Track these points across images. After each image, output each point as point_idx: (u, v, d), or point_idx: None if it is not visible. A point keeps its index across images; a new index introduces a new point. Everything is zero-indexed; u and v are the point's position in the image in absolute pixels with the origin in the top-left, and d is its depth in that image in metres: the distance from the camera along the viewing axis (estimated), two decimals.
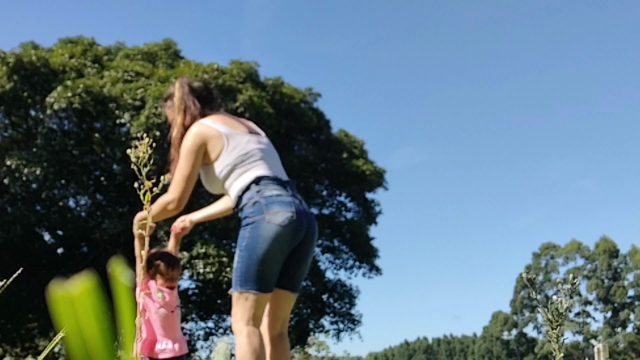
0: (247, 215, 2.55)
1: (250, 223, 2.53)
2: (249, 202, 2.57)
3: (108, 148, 16.22)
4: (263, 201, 2.54)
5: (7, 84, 15.46)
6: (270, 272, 2.52)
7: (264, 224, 2.49)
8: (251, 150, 2.69)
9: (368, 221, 20.98)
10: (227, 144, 2.68)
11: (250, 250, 2.49)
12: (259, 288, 2.50)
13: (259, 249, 2.48)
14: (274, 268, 2.53)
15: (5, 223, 15.20)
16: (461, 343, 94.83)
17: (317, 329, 20.63)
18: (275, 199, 2.55)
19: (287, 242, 2.53)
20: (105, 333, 0.30)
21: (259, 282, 2.49)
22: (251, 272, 2.49)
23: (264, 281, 2.51)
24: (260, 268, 2.49)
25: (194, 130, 2.72)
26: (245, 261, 2.50)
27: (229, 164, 2.66)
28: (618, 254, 55.82)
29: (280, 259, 2.54)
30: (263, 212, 2.51)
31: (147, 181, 1.31)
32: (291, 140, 19.43)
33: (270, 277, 2.53)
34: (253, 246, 2.49)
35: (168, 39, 19.40)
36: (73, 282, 0.29)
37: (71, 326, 0.29)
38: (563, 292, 1.29)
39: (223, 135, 2.69)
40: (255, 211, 2.53)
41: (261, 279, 2.50)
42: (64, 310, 0.29)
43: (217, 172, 2.69)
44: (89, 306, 0.29)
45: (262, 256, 2.48)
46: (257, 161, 2.68)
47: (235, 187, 2.65)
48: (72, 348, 0.29)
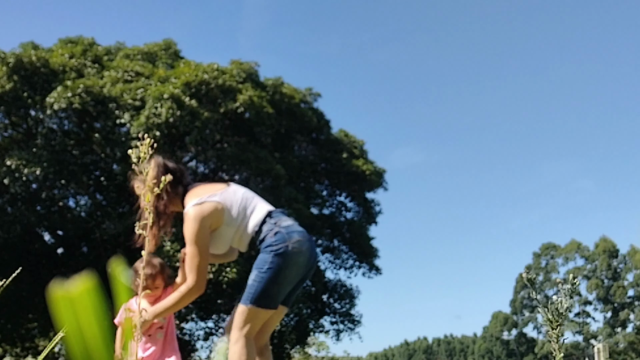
0: (270, 244, 2.74)
1: (274, 250, 2.72)
2: (270, 233, 2.77)
3: (108, 148, 16.21)
4: (284, 231, 2.76)
5: (7, 84, 15.46)
6: (283, 292, 2.77)
7: (287, 252, 2.71)
8: (243, 195, 2.91)
9: (368, 221, 20.98)
10: (226, 206, 2.84)
11: (272, 274, 2.70)
12: (269, 306, 2.73)
13: (281, 274, 2.70)
14: (286, 289, 2.78)
15: (5, 223, 15.19)
16: (461, 343, 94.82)
17: (317, 329, 20.63)
18: (294, 229, 2.79)
19: (304, 267, 2.79)
20: (105, 333, 0.30)
21: (270, 302, 2.73)
22: (267, 292, 2.70)
23: (275, 300, 2.75)
24: (276, 290, 2.72)
25: (193, 213, 2.79)
26: (265, 282, 2.70)
27: (235, 218, 2.84)
28: (618, 254, 55.82)
29: (294, 282, 2.79)
30: (286, 240, 2.73)
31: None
32: (291, 140, 19.43)
33: (281, 297, 2.78)
34: (276, 271, 2.70)
35: (168, 39, 19.41)
36: (73, 282, 0.29)
37: (71, 326, 0.29)
38: (563, 292, 1.29)
39: (221, 202, 2.84)
40: (278, 240, 2.73)
41: (274, 299, 2.73)
42: (64, 310, 0.29)
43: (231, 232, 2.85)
44: (89, 306, 0.29)
45: (282, 280, 2.72)
46: (254, 199, 2.92)
47: (251, 226, 2.84)
48: (72, 348, 0.29)
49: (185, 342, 19.34)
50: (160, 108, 15.03)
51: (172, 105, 15.01)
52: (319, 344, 24.62)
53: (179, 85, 15.77)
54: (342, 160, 19.81)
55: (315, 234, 19.43)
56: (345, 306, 20.40)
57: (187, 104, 15.32)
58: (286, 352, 20.57)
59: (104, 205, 17.23)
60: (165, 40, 19.30)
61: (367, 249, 20.38)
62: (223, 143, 16.90)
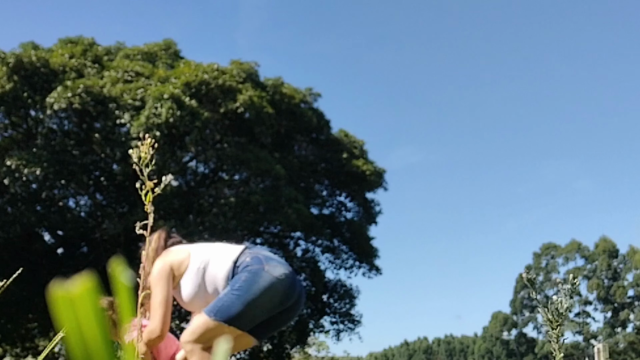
0: (246, 265, 2.61)
1: (248, 269, 2.59)
2: (247, 258, 2.65)
3: (108, 148, 16.21)
4: (262, 256, 2.66)
5: (7, 84, 15.46)
6: (253, 316, 2.58)
7: (262, 272, 2.58)
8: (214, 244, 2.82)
9: (368, 221, 20.98)
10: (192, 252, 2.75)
11: (243, 292, 2.54)
12: (234, 324, 2.54)
13: (251, 295, 2.54)
14: (257, 315, 2.59)
15: (5, 223, 15.19)
16: (461, 343, 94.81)
17: (317, 329, 20.64)
18: (273, 257, 2.69)
19: (278, 297, 2.60)
20: (105, 333, 0.30)
21: (237, 320, 2.54)
22: (233, 309, 2.53)
23: (243, 321, 2.56)
24: (244, 310, 2.54)
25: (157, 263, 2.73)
26: (233, 300, 2.54)
27: (203, 260, 2.71)
28: (618, 254, 55.82)
29: (267, 310, 2.60)
30: (262, 263, 2.61)
31: (148, 182, 1.31)
32: (291, 140, 19.44)
33: (249, 320, 2.58)
34: (246, 290, 2.55)
35: (168, 39, 19.40)
36: (73, 282, 0.29)
37: (71, 326, 0.29)
38: (563, 292, 1.29)
39: (186, 249, 2.77)
40: (254, 262, 2.62)
41: (241, 318, 2.55)
42: (64, 310, 0.29)
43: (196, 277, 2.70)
44: (89, 306, 0.29)
45: (252, 302, 2.54)
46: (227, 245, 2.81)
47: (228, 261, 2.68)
48: (72, 348, 0.29)
49: None
50: (160, 108, 15.03)
51: (172, 106, 15.01)
52: (319, 344, 24.65)
53: (179, 85, 15.78)
54: (342, 160, 19.81)
55: (315, 234, 19.44)
56: (345, 306, 20.41)
57: (187, 104, 15.32)
58: (286, 352, 20.57)
59: (104, 205, 17.24)
60: (165, 40, 19.30)
61: (367, 249, 20.38)
62: (223, 143, 16.90)
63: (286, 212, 15.99)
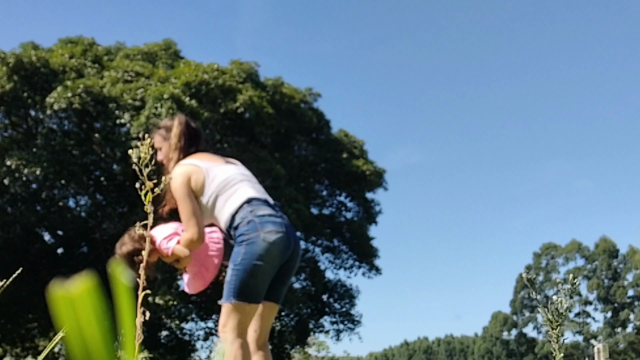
0: (242, 233, 2.71)
1: (245, 240, 2.69)
2: (243, 221, 2.74)
3: (108, 148, 16.22)
4: (257, 220, 2.72)
5: (7, 84, 15.46)
6: (262, 285, 2.72)
7: (259, 241, 2.67)
8: (231, 175, 2.90)
9: (368, 221, 20.99)
10: (207, 175, 2.85)
11: (246, 266, 2.66)
12: (251, 300, 2.68)
13: (254, 265, 2.66)
14: (265, 282, 2.72)
15: (5, 223, 15.20)
16: (461, 343, 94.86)
17: (317, 329, 20.64)
18: (269, 219, 2.74)
19: (278, 259, 2.72)
20: (105, 333, 0.30)
21: (252, 295, 2.68)
22: (245, 285, 2.66)
23: (256, 294, 2.70)
24: (253, 281, 2.67)
25: (177, 172, 2.86)
26: (240, 275, 2.67)
27: (213, 192, 2.84)
28: (618, 254, 55.84)
29: (271, 274, 2.73)
30: (258, 230, 2.69)
31: (148, 182, 1.31)
32: (291, 140, 19.44)
33: (261, 290, 2.72)
34: (248, 262, 2.66)
35: (168, 39, 19.41)
36: (73, 282, 0.29)
37: (71, 326, 0.29)
38: (563, 292, 1.29)
39: (203, 169, 2.86)
40: (250, 229, 2.70)
41: (253, 292, 2.68)
42: (64, 310, 0.29)
43: (204, 203, 2.86)
44: (89, 306, 0.29)
45: (257, 271, 2.67)
46: (240, 183, 2.89)
47: (227, 210, 2.81)
48: (72, 348, 0.29)
49: (185, 342, 19.35)
50: (160, 108, 15.04)
51: (172, 106, 15.01)
52: (319, 344, 24.61)
53: (179, 85, 15.78)
54: (342, 160, 19.82)
55: (315, 234, 19.45)
56: (345, 306, 20.42)
57: (187, 104, 15.32)
58: (286, 352, 20.58)
59: (104, 205, 17.23)
60: (165, 40, 19.31)
61: (367, 249, 20.39)
62: (223, 143, 16.91)
63: (286, 212, 15.95)
